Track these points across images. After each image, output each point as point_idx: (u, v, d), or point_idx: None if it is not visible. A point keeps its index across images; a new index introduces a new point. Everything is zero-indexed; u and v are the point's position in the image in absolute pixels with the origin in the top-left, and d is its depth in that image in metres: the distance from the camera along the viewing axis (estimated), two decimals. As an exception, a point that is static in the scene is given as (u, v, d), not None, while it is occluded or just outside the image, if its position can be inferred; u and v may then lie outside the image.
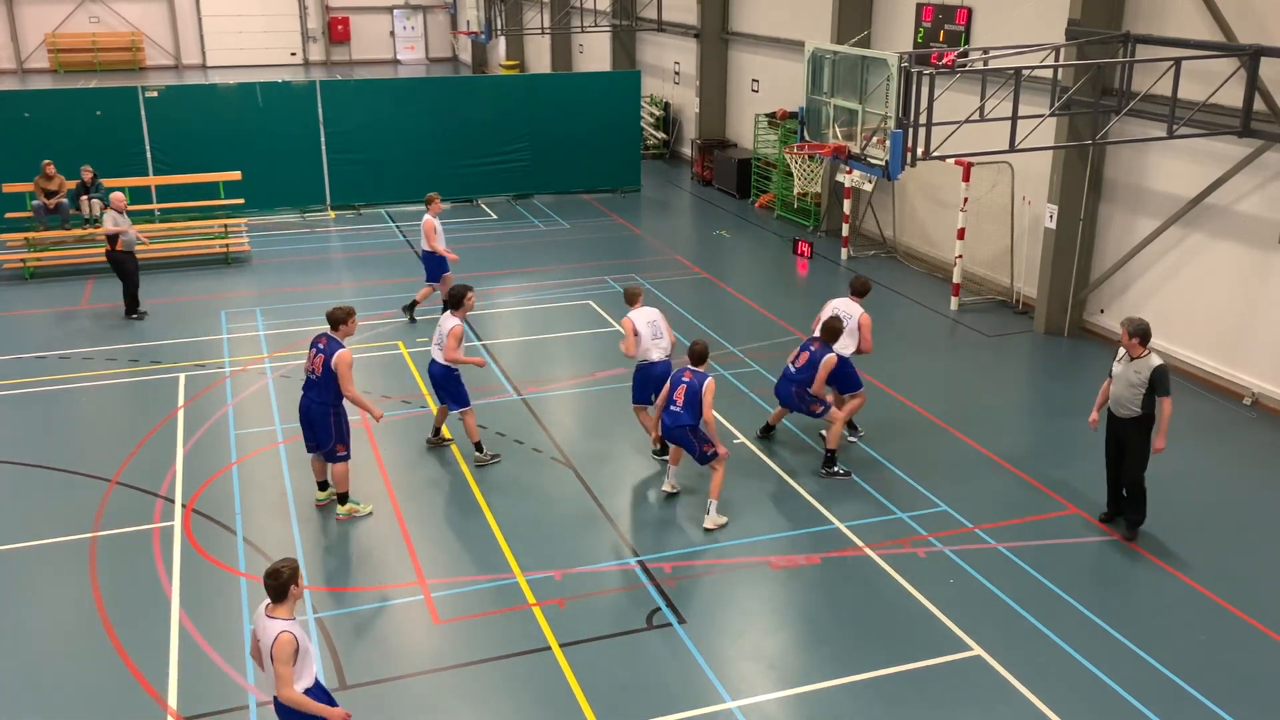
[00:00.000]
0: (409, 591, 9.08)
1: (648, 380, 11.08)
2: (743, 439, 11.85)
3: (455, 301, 11.06)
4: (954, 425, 12.24)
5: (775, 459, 11.41)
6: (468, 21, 34.89)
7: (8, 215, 18.76)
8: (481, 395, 12.96)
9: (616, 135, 24.12)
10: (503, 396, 13.07)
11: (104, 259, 18.18)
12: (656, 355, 11.08)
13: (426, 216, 15.33)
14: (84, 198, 18.47)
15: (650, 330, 11.09)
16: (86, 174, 18.56)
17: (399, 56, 49.93)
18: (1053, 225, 14.98)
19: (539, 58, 38.96)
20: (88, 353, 14.41)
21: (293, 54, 48.11)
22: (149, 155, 20.79)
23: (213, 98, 22.46)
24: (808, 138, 13.44)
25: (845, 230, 19.24)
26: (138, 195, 20.18)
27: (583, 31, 31.80)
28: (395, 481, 10.96)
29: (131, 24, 45.79)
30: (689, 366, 10.11)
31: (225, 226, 19.42)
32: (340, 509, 10.25)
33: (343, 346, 9.77)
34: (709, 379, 9.96)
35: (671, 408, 10.09)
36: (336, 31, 48.70)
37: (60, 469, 11.13)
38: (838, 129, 12.84)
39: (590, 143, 23.85)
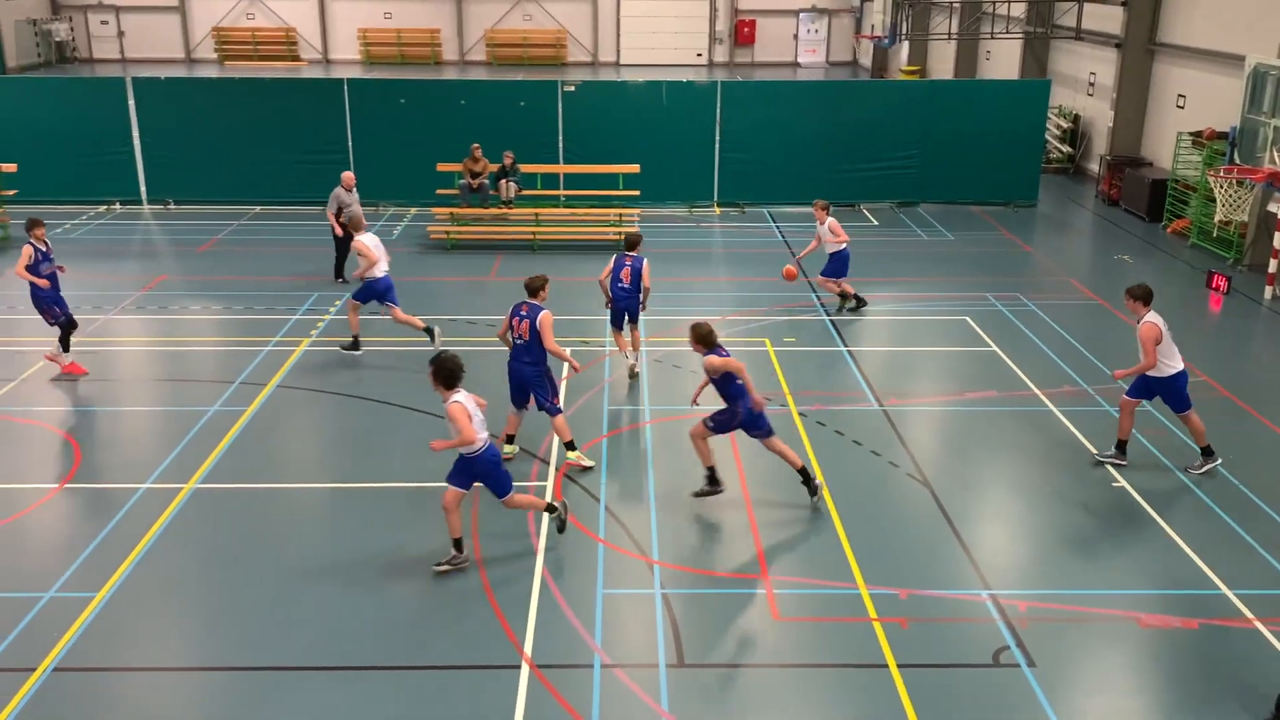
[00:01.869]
0: (752, 583, 9.22)
1: None
2: (1123, 483, 10.94)
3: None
4: (1385, 500, 10.60)
5: (1156, 506, 10.44)
6: (872, 25, 34.66)
7: (438, 191, 20.96)
8: (842, 401, 12.89)
9: (1016, 147, 23.00)
10: (863, 405, 12.90)
11: (514, 237, 19.96)
12: None
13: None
14: (503, 180, 20.28)
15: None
16: (507, 159, 20.37)
17: (799, 60, 50.51)
18: None
19: (942, 63, 37.95)
20: (492, 320, 15.81)
21: (699, 54, 50.02)
22: (561, 145, 22.42)
23: (622, 94, 23.90)
24: (1238, 160, 12.17)
25: (1273, 266, 17.17)
26: (548, 181, 21.85)
27: (992, 38, 30.60)
28: (749, 475, 11.14)
29: (559, 22, 49.61)
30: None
31: (620, 215, 20.60)
32: (570, 455, 11.09)
33: (544, 309, 10.80)
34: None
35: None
36: (742, 34, 50.08)
37: (456, 422, 12.29)
38: (1276, 153, 11.50)
39: (986, 153, 22.90)
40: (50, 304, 13.33)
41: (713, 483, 10.50)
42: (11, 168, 20.25)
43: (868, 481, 11.06)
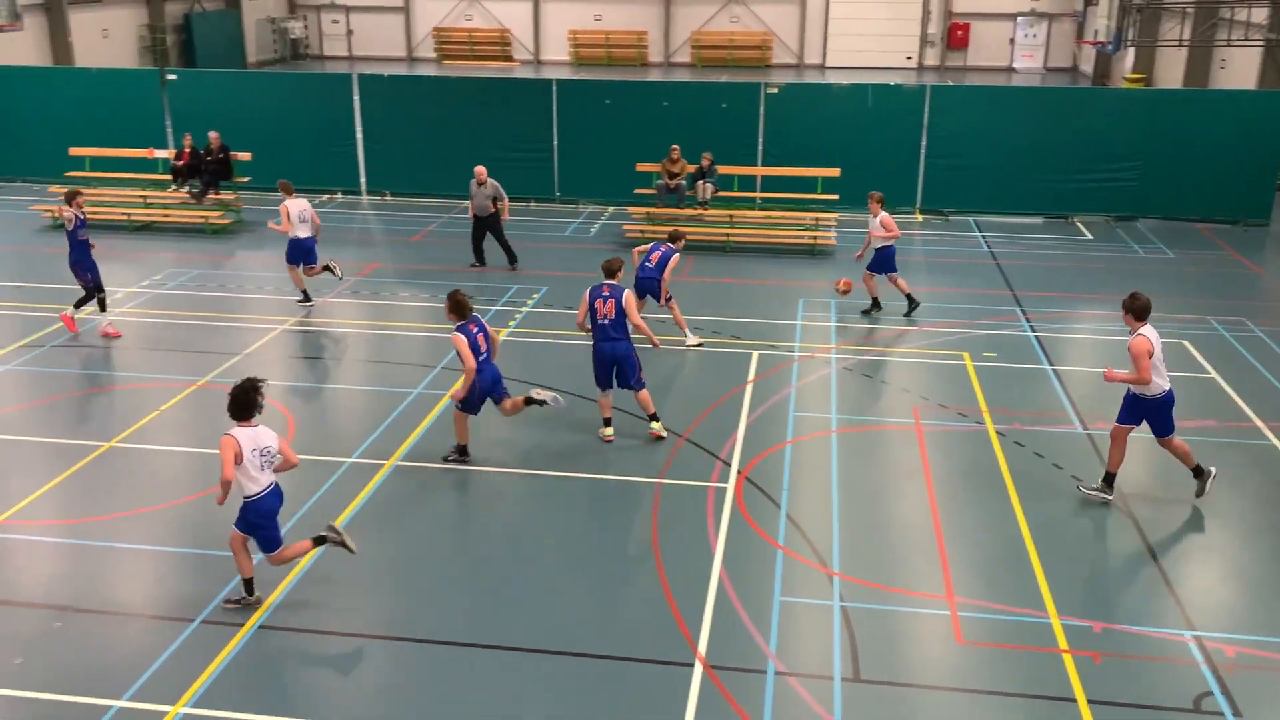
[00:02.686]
0: (936, 604, 8.94)
1: None
2: (1354, 527, 10.06)
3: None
4: None
5: (1395, 559, 9.55)
6: (1095, 31, 33.08)
7: (635, 191, 21.25)
8: (1044, 422, 12.35)
9: (1249, 162, 21.44)
10: (1066, 427, 12.32)
11: (707, 238, 20.13)
12: None
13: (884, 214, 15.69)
14: (700, 181, 20.38)
15: None
16: (705, 160, 20.46)
17: (1015, 65, 48.69)
18: None
19: (1170, 71, 35.79)
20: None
21: (908, 58, 48.91)
22: (760, 147, 22.34)
23: (826, 97, 23.64)
24: None
25: None
26: (745, 183, 21.82)
27: (1228, 45, 28.68)
28: (939, 493, 10.81)
29: (765, 24, 49.47)
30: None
31: (816, 220, 20.36)
32: (655, 425, 11.69)
33: (625, 288, 11.40)
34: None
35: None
36: (955, 37, 48.66)
37: (643, 417, 12.43)
38: None
39: (1215, 168, 21.45)
40: (84, 270, 14.68)
41: (461, 452, 11.10)
42: (246, 156, 21.74)
43: (1066, 507, 10.55)
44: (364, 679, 8.12)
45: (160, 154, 22.59)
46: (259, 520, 8.47)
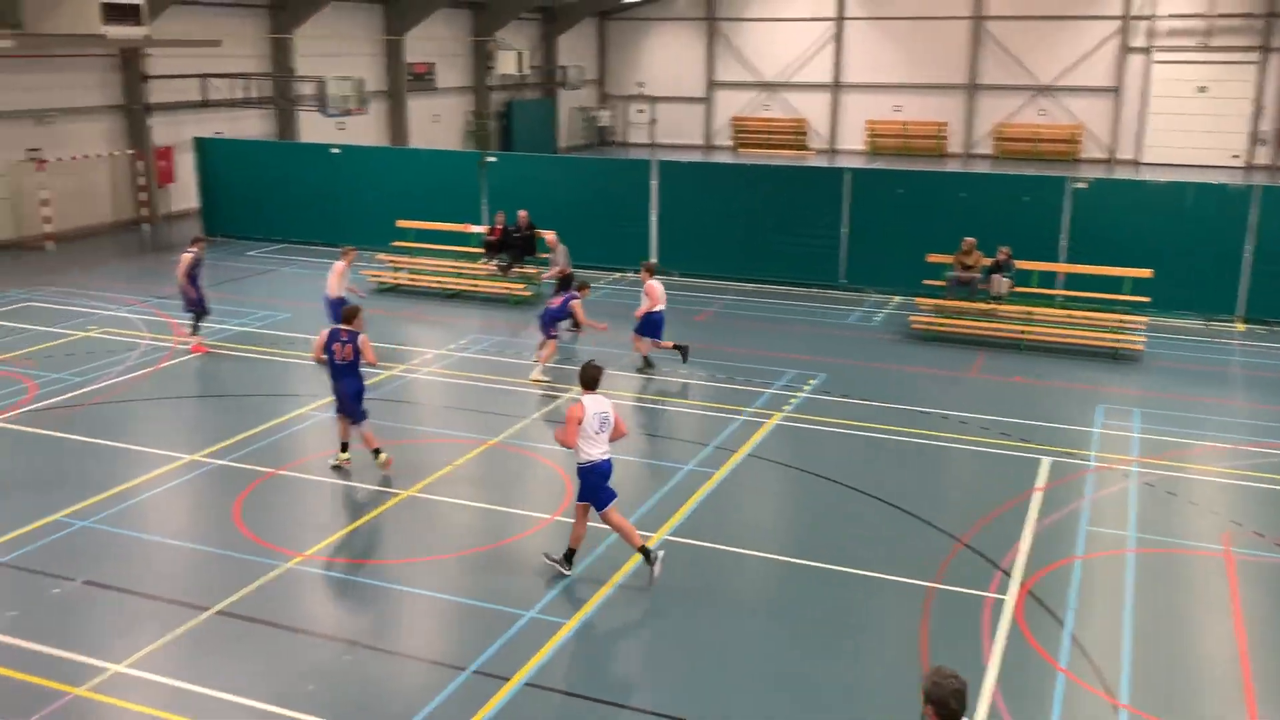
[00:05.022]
0: (1241, 755, 7.99)
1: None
2: None
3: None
4: None
5: None
6: None
7: (925, 282, 20.78)
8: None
9: None
10: None
11: (1000, 334, 19.40)
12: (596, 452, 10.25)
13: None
14: (995, 275, 19.66)
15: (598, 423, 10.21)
16: (1002, 254, 19.73)
17: (1361, 165, 44.13)
18: None
19: None
20: (965, 417, 15.31)
21: (1235, 156, 45.46)
22: (1064, 243, 21.31)
23: (1139, 194, 22.31)
24: None
25: None
26: (1045, 280, 20.85)
27: None
28: (1249, 629, 9.69)
29: (1075, 117, 47.50)
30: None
31: (1121, 322, 19.11)
32: (381, 456, 12.82)
33: (360, 334, 12.57)
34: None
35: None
36: (1290, 134, 44.79)
37: (919, 516, 11.99)
38: None
39: None
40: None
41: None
42: (550, 235, 23.02)
43: None
44: (618, 749, 8.17)
45: (475, 229, 24.32)
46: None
